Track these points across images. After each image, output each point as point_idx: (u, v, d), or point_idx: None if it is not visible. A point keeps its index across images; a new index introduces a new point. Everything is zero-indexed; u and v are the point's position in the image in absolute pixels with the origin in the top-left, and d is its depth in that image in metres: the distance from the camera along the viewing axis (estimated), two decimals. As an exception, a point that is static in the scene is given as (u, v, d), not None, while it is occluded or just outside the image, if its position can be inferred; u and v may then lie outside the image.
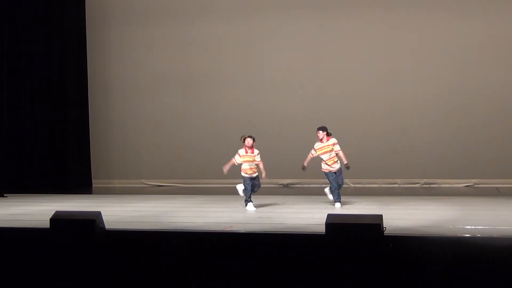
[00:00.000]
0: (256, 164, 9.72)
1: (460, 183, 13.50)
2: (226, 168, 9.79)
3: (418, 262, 6.49)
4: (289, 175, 14.13)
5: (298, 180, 14.07)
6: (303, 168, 9.95)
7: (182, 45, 15.16)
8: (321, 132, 9.84)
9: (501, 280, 6.27)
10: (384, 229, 6.49)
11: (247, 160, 9.68)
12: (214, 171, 14.48)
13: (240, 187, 9.79)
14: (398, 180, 13.86)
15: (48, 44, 15.12)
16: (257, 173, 9.79)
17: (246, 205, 9.63)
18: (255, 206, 9.63)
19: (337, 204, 9.71)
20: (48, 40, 15.12)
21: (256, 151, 9.71)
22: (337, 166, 9.86)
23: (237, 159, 9.73)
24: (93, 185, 15.43)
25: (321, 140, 9.84)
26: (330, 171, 9.82)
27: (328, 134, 9.87)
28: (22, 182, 14.35)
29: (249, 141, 9.67)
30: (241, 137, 9.76)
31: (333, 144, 9.83)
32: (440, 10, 13.70)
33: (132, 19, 15.44)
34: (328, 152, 9.80)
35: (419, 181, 13.76)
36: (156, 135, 15.35)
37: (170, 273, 7.11)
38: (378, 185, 13.80)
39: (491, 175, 13.36)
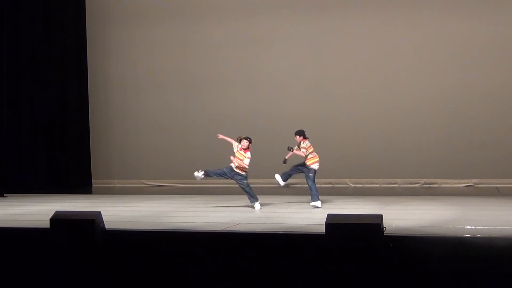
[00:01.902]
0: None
1: (460, 183, 13.51)
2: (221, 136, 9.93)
3: (418, 262, 6.49)
4: (289, 175, 14.12)
5: (298, 180, 14.05)
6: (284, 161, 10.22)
7: (182, 45, 15.16)
8: (296, 137, 10.05)
9: (501, 280, 6.27)
10: (384, 229, 6.49)
11: (237, 156, 9.74)
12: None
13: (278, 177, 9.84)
14: (398, 180, 13.86)
15: (48, 44, 15.12)
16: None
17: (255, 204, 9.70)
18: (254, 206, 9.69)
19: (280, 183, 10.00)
20: (48, 40, 15.12)
21: (248, 154, 9.71)
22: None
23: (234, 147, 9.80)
24: (93, 185, 15.43)
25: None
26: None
27: (305, 138, 10.06)
28: (22, 182, 14.35)
29: (244, 143, 9.66)
30: (239, 138, 9.76)
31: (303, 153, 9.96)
32: (440, 10, 13.70)
33: (132, 19, 15.44)
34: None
35: (419, 181, 13.76)
36: (156, 135, 15.35)
37: (170, 273, 7.11)
38: (378, 185, 13.81)
39: (491, 175, 13.36)
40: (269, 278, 6.85)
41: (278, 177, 10.14)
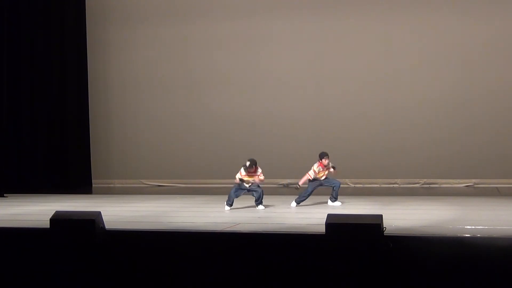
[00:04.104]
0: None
1: (460, 183, 13.50)
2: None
3: (418, 262, 6.49)
4: (289, 175, 14.13)
5: (298, 180, 14.04)
6: (297, 187, 10.16)
7: (182, 45, 15.16)
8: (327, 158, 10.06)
9: (501, 280, 6.28)
10: (384, 229, 6.49)
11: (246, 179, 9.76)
12: (214, 171, 14.59)
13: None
14: (398, 180, 13.86)
15: (48, 44, 15.11)
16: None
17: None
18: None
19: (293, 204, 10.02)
20: (48, 40, 15.12)
21: (259, 170, 9.74)
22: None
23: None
24: (93, 185, 15.43)
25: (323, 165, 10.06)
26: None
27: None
28: (22, 182, 14.35)
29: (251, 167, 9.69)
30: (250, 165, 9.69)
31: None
32: (440, 10, 13.70)
33: (132, 19, 15.44)
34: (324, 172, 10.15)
35: (419, 181, 13.76)
36: (156, 135, 15.35)
37: (170, 273, 7.11)
38: (378, 185, 13.80)
39: (491, 175, 13.36)
40: (269, 278, 6.85)
41: (335, 203, 10.12)
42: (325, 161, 10.04)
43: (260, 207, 9.71)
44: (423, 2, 13.82)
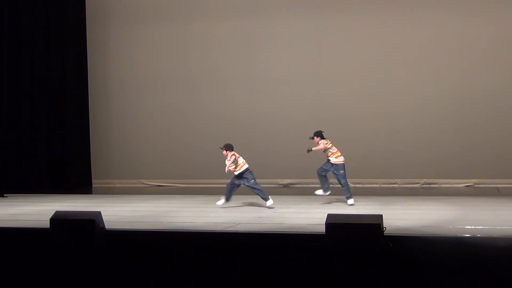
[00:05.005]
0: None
1: (460, 183, 13.51)
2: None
3: (418, 262, 6.49)
4: (289, 175, 14.14)
5: (298, 180, 14.06)
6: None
7: (182, 45, 15.17)
8: (314, 138, 10.08)
9: (501, 280, 6.27)
10: (384, 229, 6.49)
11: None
12: (214, 171, 14.55)
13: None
14: (398, 180, 13.86)
15: (48, 44, 15.12)
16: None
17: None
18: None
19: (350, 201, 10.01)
20: (48, 40, 15.12)
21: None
22: (334, 160, 10.06)
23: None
24: (93, 185, 15.44)
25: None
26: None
27: (322, 138, 10.08)
28: (22, 182, 14.35)
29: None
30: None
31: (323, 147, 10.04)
32: (440, 10, 13.70)
33: (132, 19, 15.45)
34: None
35: (419, 181, 13.76)
36: (156, 135, 15.36)
37: (170, 273, 7.11)
38: (378, 185, 13.81)
39: (491, 175, 13.36)
40: (269, 278, 6.84)
41: (319, 192, 10.14)
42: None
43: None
44: (424, 3, 13.82)
